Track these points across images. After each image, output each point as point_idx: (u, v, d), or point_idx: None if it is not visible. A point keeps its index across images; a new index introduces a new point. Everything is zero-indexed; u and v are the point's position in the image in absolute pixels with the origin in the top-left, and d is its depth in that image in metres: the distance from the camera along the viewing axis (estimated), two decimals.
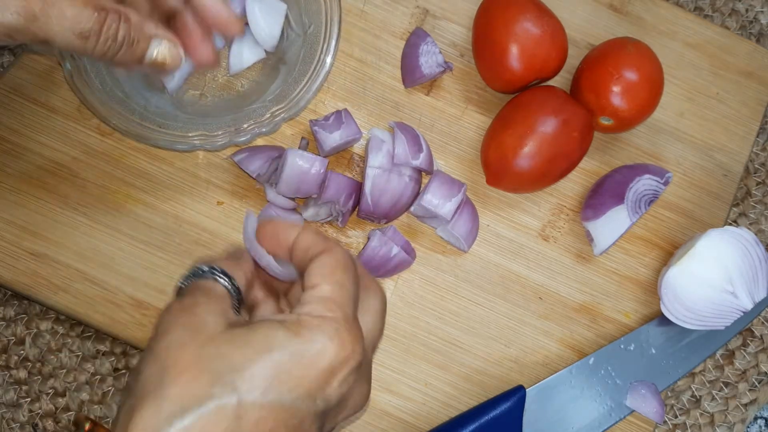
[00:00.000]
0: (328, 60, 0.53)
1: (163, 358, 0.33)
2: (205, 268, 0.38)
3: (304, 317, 0.35)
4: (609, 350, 0.54)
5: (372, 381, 0.39)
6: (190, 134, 0.51)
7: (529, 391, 0.52)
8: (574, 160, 0.54)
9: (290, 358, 0.33)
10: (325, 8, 0.53)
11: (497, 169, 0.54)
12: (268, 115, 0.52)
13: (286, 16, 0.54)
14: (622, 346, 0.55)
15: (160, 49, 0.42)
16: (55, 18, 0.37)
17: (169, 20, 0.46)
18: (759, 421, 0.59)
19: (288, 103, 0.52)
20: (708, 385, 0.58)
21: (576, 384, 0.54)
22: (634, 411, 0.54)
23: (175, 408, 0.31)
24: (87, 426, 0.33)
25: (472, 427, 0.51)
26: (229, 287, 0.37)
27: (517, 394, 0.51)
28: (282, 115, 0.52)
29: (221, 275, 0.37)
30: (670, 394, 0.58)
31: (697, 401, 0.58)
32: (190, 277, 0.38)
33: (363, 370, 0.37)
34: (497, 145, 0.53)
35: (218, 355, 0.33)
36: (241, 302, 0.38)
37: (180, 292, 0.37)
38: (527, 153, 0.52)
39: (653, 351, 0.55)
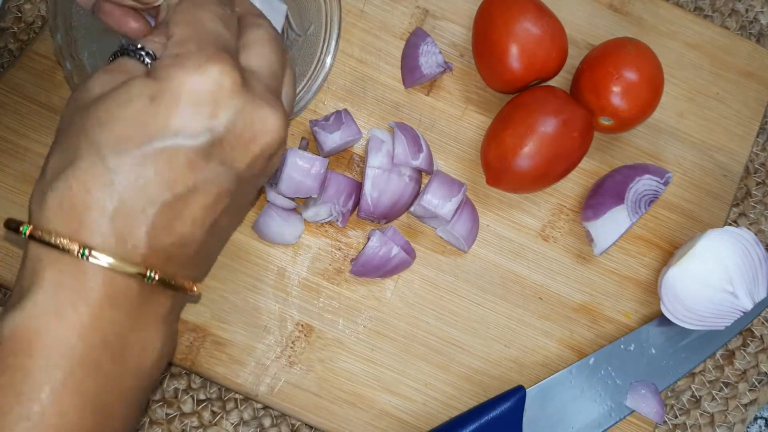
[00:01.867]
0: (328, 60, 0.53)
1: (55, 139, 0.35)
2: (126, 46, 0.37)
3: (159, 61, 0.35)
4: (609, 350, 0.54)
5: (373, 379, 0.38)
6: None
7: (529, 391, 0.52)
8: (574, 161, 0.54)
9: (151, 102, 0.33)
10: (325, 9, 0.53)
11: (497, 169, 0.54)
12: None
13: (286, 17, 0.54)
14: (622, 346, 0.55)
15: None
16: None
17: None
18: (759, 421, 0.59)
19: None
20: (708, 385, 0.58)
21: (576, 384, 0.54)
22: (634, 411, 0.54)
23: (52, 175, 0.33)
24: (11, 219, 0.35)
25: (472, 427, 0.51)
26: (147, 62, 0.37)
27: (517, 395, 0.51)
28: None
29: (138, 50, 0.37)
30: (670, 394, 0.58)
31: (697, 401, 0.58)
32: (112, 56, 0.38)
33: (257, 94, 0.36)
34: (497, 145, 0.53)
35: (85, 116, 0.34)
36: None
37: None
38: (527, 153, 0.52)
39: (653, 351, 0.55)
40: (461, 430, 0.51)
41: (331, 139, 0.53)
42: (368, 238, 0.53)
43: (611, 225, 0.54)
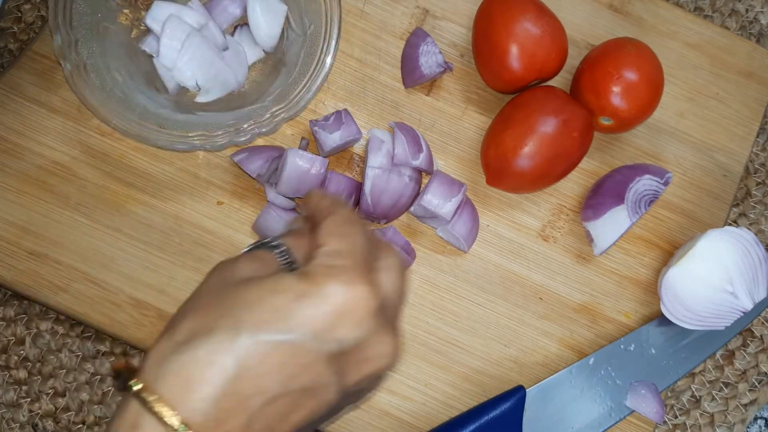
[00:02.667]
0: (328, 60, 0.53)
1: (191, 302, 0.36)
2: (266, 241, 0.39)
3: (312, 267, 0.36)
4: (609, 350, 0.54)
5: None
6: (190, 134, 0.51)
7: (529, 391, 0.52)
8: (574, 161, 0.54)
9: (297, 299, 0.34)
10: (325, 9, 0.53)
11: (497, 169, 0.54)
12: (268, 116, 0.52)
13: (286, 17, 0.55)
14: (622, 347, 0.55)
15: None
16: None
17: None
18: (759, 421, 0.59)
19: (288, 104, 0.52)
20: (708, 385, 0.58)
21: (576, 384, 0.54)
22: (634, 411, 0.54)
23: (182, 337, 0.34)
24: (121, 364, 0.35)
25: (472, 427, 0.51)
26: (281, 258, 0.39)
27: (517, 395, 0.51)
28: (282, 115, 0.52)
29: (277, 247, 0.39)
30: (670, 395, 0.58)
31: (697, 401, 0.58)
32: (251, 247, 0.40)
33: (384, 319, 0.37)
34: (497, 145, 0.53)
35: (234, 294, 0.35)
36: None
37: None
38: (527, 153, 0.52)
39: (653, 351, 0.55)
40: (461, 430, 0.51)
41: (331, 139, 0.53)
42: None
43: (611, 225, 0.54)
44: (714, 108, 0.60)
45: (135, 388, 0.33)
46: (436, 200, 0.52)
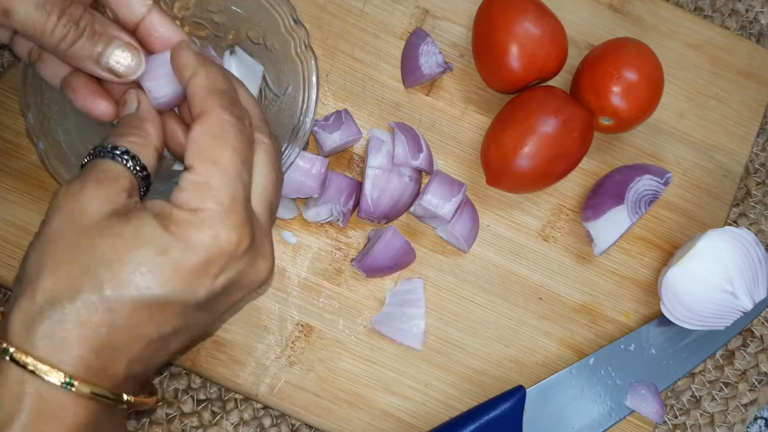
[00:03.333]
0: (308, 121, 0.50)
1: (42, 249, 0.34)
2: (106, 147, 0.37)
3: (176, 212, 0.35)
4: (609, 350, 0.54)
5: (373, 379, 0.38)
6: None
7: (529, 391, 0.52)
8: (574, 161, 0.54)
9: (161, 254, 0.33)
10: (302, 69, 0.51)
11: (497, 169, 0.54)
12: None
13: (263, 77, 0.53)
14: (622, 347, 0.55)
15: (120, 52, 0.39)
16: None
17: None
18: (759, 421, 0.59)
19: None
20: (708, 385, 0.58)
21: (576, 384, 0.54)
22: (634, 411, 0.54)
23: (46, 300, 0.33)
24: None
25: (472, 427, 0.51)
26: (131, 167, 0.36)
27: (517, 395, 0.51)
28: None
29: (122, 155, 0.36)
30: (670, 395, 0.58)
31: (697, 401, 0.58)
32: (90, 155, 0.37)
33: (255, 249, 0.36)
34: (497, 145, 0.53)
35: (90, 247, 0.34)
36: (149, 178, 0.38)
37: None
38: (527, 153, 0.52)
39: (653, 351, 0.55)
40: (461, 430, 0.51)
41: (331, 139, 0.53)
42: (368, 239, 0.53)
43: (611, 225, 0.54)
44: (714, 108, 0.60)
45: (8, 352, 0.33)
46: (436, 200, 0.52)
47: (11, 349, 0.33)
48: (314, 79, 0.50)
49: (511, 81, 0.54)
